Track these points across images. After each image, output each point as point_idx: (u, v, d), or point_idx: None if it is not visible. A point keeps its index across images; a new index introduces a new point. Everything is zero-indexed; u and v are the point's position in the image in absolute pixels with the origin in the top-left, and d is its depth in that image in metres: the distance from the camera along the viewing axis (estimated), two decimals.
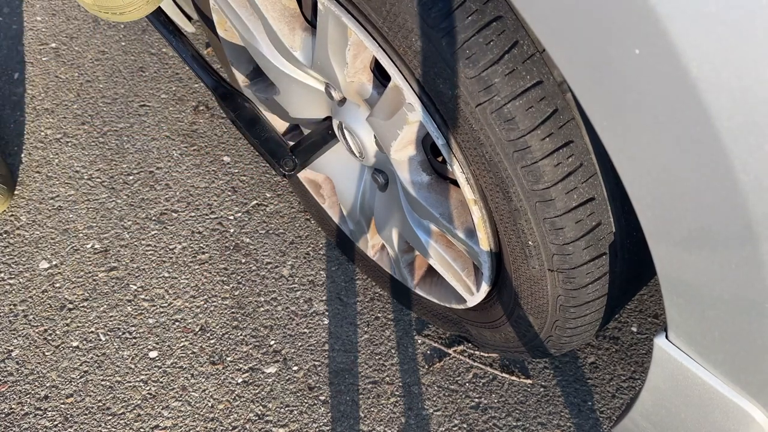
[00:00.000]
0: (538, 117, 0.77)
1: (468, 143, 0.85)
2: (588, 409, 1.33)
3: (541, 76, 0.77)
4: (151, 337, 1.41)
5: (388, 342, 1.41)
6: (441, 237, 1.13)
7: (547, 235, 0.85)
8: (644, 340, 1.39)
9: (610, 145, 0.66)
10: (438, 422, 1.32)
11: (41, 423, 1.32)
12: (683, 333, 0.75)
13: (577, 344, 1.05)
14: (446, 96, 0.82)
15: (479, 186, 0.90)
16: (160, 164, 1.62)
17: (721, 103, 0.54)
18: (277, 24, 1.08)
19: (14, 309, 1.44)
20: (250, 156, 1.63)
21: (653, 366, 0.82)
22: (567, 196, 0.81)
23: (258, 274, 1.48)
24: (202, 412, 1.33)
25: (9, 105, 1.71)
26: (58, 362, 1.38)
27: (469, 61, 0.76)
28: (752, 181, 0.56)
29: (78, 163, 1.62)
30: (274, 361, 1.38)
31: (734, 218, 0.59)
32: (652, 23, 0.54)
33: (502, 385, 1.35)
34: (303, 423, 1.32)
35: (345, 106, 1.13)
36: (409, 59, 0.84)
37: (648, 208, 0.67)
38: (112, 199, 1.57)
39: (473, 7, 0.75)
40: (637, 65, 0.57)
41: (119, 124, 1.68)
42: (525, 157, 0.79)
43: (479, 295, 1.09)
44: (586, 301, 0.92)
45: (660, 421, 0.89)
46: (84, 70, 1.77)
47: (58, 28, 1.84)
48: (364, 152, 1.16)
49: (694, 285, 0.69)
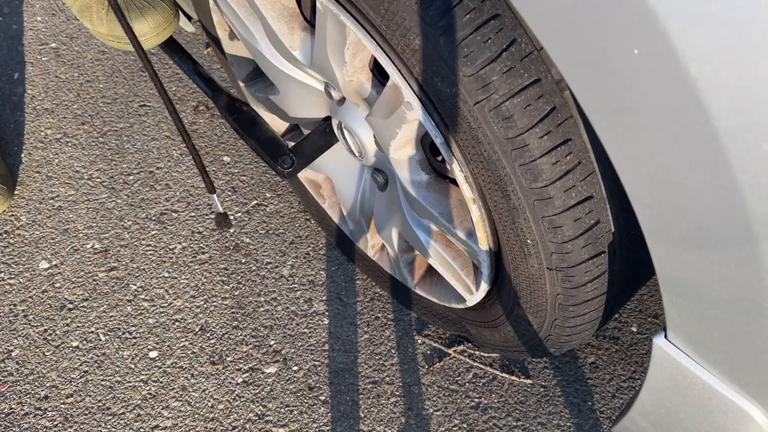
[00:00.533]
0: (536, 115, 0.77)
1: (466, 142, 0.84)
2: (588, 409, 1.32)
3: (539, 74, 0.76)
4: (151, 337, 1.41)
5: (388, 342, 1.40)
6: (440, 236, 1.13)
7: (546, 234, 0.84)
8: (644, 340, 1.39)
9: (608, 143, 0.66)
10: (438, 422, 1.32)
11: (41, 423, 1.32)
12: (682, 333, 0.75)
13: (577, 343, 1.04)
14: (445, 94, 0.82)
15: (478, 185, 0.90)
16: (160, 164, 1.62)
17: (720, 102, 0.54)
18: (276, 23, 1.08)
19: (14, 309, 1.44)
20: (250, 156, 1.63)
21: (653, 366, 0.82)
22: (565, 194, 0.81)
23: (258, 274, 1.48)
24: (202, 412, 1.33)
25: (9, 105, 1.71)
26: (58, 362, 1.38)
27: (467, 59, 0.76)
28: (751, 181, 0.56)
29: (78, 163, 1.62)
30: (274, 361, 1.38)
31: (733, 218, 0.59)
32: (651, 23, 0.54)
33: (502, 385, 1.35)
34: (303, 423, 1.32)
35: (344, 105, 1.13)
36: (407, 58, 0.83)
37: (647, 207, 0.67)
38: (112, 199, 1.57)
39: (471, 5, 0.75)
40: (635, 65, 0.57)
41: (119, 124, 1.68)
42: (523, 156, 0.79)
43: (479, 295, 1.09)
44: (585, 299, 0.91)
45: (659, 421, 0.89)
46: (84, 70, 1.77)
47: (58, 28, 1.84)
48: (363, 152, 1.15)
49: (693, 285, 0.69)
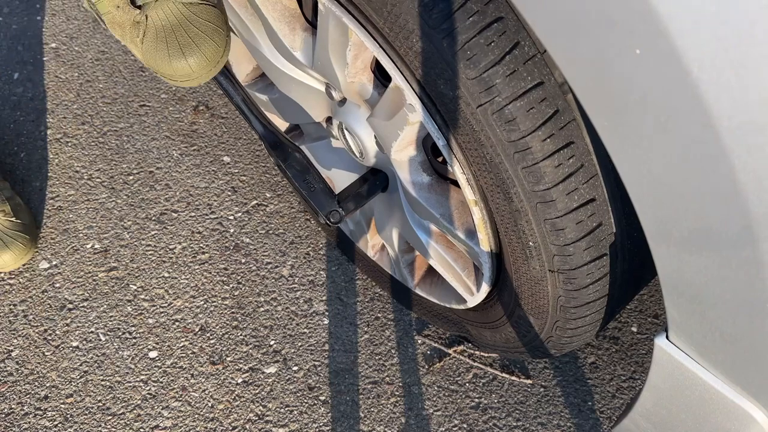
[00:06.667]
0: (539, 118, 0.77)
1: (469, 144, 0.85)
2: (588, 409, 1.33)
3: (542, 77, 0.77)
4: (151, 337, 1.41)
5: (388, 342, 1.41)
6: (441, 237, 1.13)
7: (548, 236, 0.85)
8: (644, 340, 1.39)
9: (610, 145, 0.66)
10: (438, 422, 1.32)
11: (41, 423, 1.32)
12: (684, 333, 0.75)
13: (578, 344, 1.05)
14: (447, 97, 0.82)
15: (480, 187, 0.90)
16: (160, 164, 1.62)
17: (722, 103, 0.54)
18: (277, 24, 1.08)
19: (14, 309, 1.44)
20: (250, 156, 1.63)
21: (654, 366, 0.82)
22: (568, 197, 0.81)
23: (258, 274, 1.48)
24: (202, 412, 1.33)
25: (9, 105, 1.71)
26: (58, 362, 1.38)
27: (470, 62, 0.77)
28: (753, 182, 0.56)
29: (78, 163, 1.62)
30: (274, 361, 1.38)
31: (735, 219, 0.60)
32: (653, 23, 0.54)
33: (502, 385, 1.35)
34: (303, 423, 1.32)
35: (345, 106, 1.13)
36: (410, 60, 0.84)
37: (649, 209, 0.67)
38: (112, 199, 1.57)
39: (474, 8, 0.75)
40: (638, 66, 0.57)
41: (119, 124, 1.68)
42: (526, 158, 0.79)
43: (479, 296, 1.09)
44: (586, 301, 0.92)
45: (660, 422, 0.89)
46: (84, 70, 1.77)
47: (58, 28, 1.84)
48: (364, 152, 1.16)
49: (694, 285, 0.69)
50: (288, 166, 1.16)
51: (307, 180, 1.15)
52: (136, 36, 0.99)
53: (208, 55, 0.97)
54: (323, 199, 1.14)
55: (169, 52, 0.97)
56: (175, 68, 0.97)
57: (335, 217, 1.13)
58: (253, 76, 1.38)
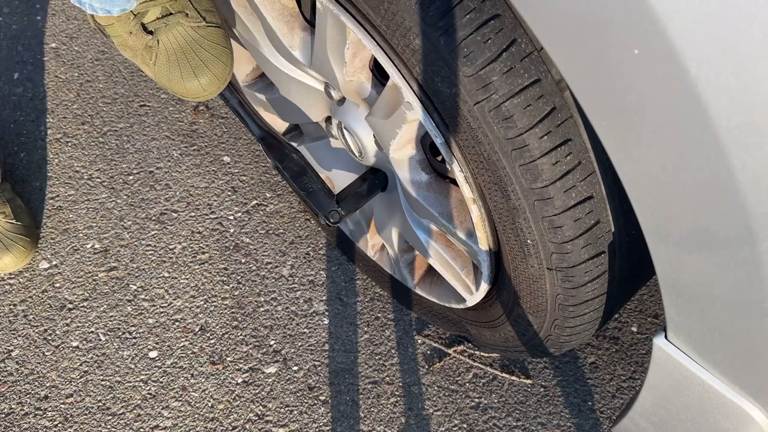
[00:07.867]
0: (536, 115, 0.77)
1: (466, 142, 0.84)
2: (588, 409, 1.32)
3: (539, 75, 0.76)
4: (151, 337, 1.41)
5: (388, 342, 1.40)
6: (440, 236, 1.13)
7: (546, 234, 0.84)
8: (644, 340, 1.39)
9: (608, 144, 0.66)
10: (438, 422, 1.32)
11: (41, 423, 1.32)
12: (683, 333, 0.75)
13: (577, 343, 1.04)
14: (445, 94, 0.82)
15: (478, 185, 0.90)
16: (160, 164, 1.62)
17: (720, 102, 0.54)
18: (276, 23, 1.08)
19: (14, 309, 1.44)
20: (250, 156, 1.63)
21: (653, 366, 0.82)
22: (565, 194, 0.81)
23: (258, 274, 1.48)
24: (202, 412, 1.33)
25: (9, 105, 1.71)
26: (58, 362, 1.38)
27: (467, 60, 0.76)
28: (751, 181, 0.56)
29: (78, 163, 1.62)
30: (274, 361, 1.38)
31: (733, 218, 0.59)
32: (651, 23, 0.54)
33: (502, 385, 1.35)
34: (303, 423, 1.32)
35: (344, 105, 1.13)
36: (407, 58, 0.83)
37: (647, 208, 0.67)
38: (112, 199, 1.57)
39: (471, 6, 0.75)
40: (635, 65, 0.57)
41: (119, 124, 1.68)
42: (523, 156, 0.79)
43: (478, 295, 1.09)
44: (585, 299, 0.91)
45: (659, 421, 0.89)
46: (84, 70, 1.77)
47: (58, 28, 1.84)
48: (363, 151, 1.15)
49: (693, 285, 0.69)
50: (285, 168, 1.17)
51: (305, 181, 1.16)
52: (149, 59, 1.04)
53: (217, 74, 1.04)
54: (322, 200, 1.15)
55: (182, 74, 1.02)
56: (188, 88, 1.03)
57: (335, 216, 1.14)
58: (252, 77, 1.38)
